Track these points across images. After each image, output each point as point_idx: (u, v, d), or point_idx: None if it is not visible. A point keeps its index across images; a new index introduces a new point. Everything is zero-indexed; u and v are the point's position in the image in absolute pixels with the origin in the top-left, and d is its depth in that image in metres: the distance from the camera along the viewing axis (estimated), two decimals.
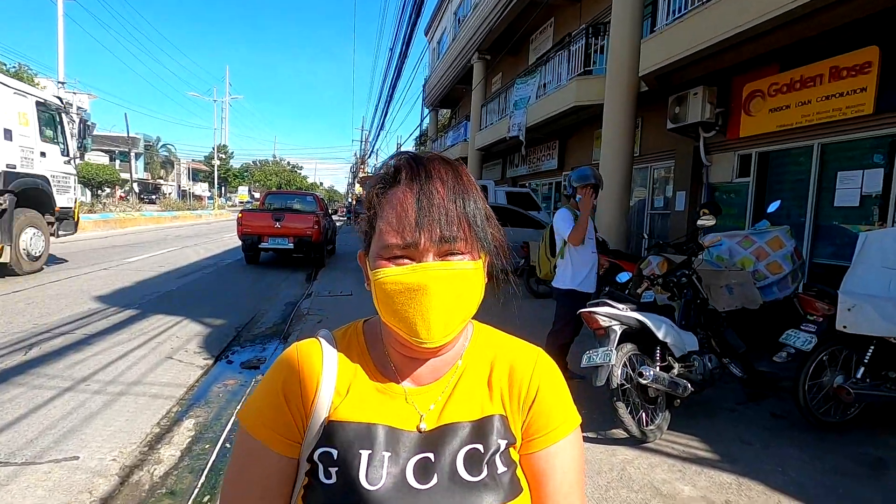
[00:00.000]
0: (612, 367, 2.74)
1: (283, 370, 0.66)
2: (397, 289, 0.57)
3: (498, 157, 17.63)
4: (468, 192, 0.61)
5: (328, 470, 0.60)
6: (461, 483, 0.59)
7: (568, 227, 3.59)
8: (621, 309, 2.95)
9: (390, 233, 0.57)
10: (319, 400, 0.63)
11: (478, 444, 0.62)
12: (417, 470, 0.60)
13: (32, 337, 4.56)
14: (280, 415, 0.62)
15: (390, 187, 0.60)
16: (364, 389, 0.64)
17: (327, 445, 0.61)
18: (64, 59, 28.12)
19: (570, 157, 12.57)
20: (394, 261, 0.58)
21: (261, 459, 0.62)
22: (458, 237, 0.58)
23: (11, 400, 3.23)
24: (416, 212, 0.57)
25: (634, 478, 2.48)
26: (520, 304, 6.90)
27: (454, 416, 0.63)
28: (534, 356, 0.70)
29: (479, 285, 0.60)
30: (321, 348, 0.67)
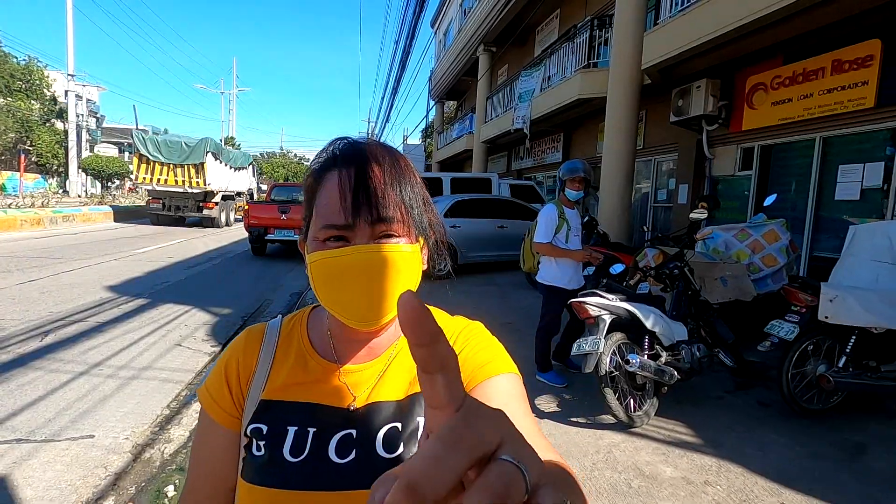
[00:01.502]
0: (600, 354, 2.85)
1: (229, 352, 0.71)
2: (333, 270, 0.58)
3: (503, 149, 17.64)
4: (405, 177, 0.62)
5: (258, 444, 0.63)
6: (377, 459, 0.61)
7: (545, 228, 3.51)
8: (611, 299, 3.04)
9: (326, 215, 0.59)
10: (255, 379, 0.67)
11: (397, 423, 0.63)
12: (339, 445, 0.62)
13: (48, 324, 4.74)
14: (222, 392, 0.67)
15: (328, 171, 0.61)
16: (299, 371, 0.67)
17: (259, 422, 0.64)
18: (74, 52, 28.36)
19: (574, 149, 12.58)
20: (330, 242, 0.59)
21: (211, 432, 0.68)
22: (395, 219, 0.59)
23: (30, 382, 3.40)
24: (352, 194, 0.57)
25: (619, 460, 2.59)
26: (518, 296, 7.01)
27: (382, 395, 0.65)
28: (460, 327, 0.70)
29: (415, 267, 0.61)
30: (264, 332, 0.71)
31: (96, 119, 39.80)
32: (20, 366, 3.70)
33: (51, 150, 32.21)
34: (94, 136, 39.18)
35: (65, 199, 22.58)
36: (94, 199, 22.42)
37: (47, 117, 33.31)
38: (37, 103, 32.48)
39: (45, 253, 9.24)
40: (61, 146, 32.19)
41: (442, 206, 8.58)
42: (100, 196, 25.16)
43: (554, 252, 3.52)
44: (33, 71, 32.36)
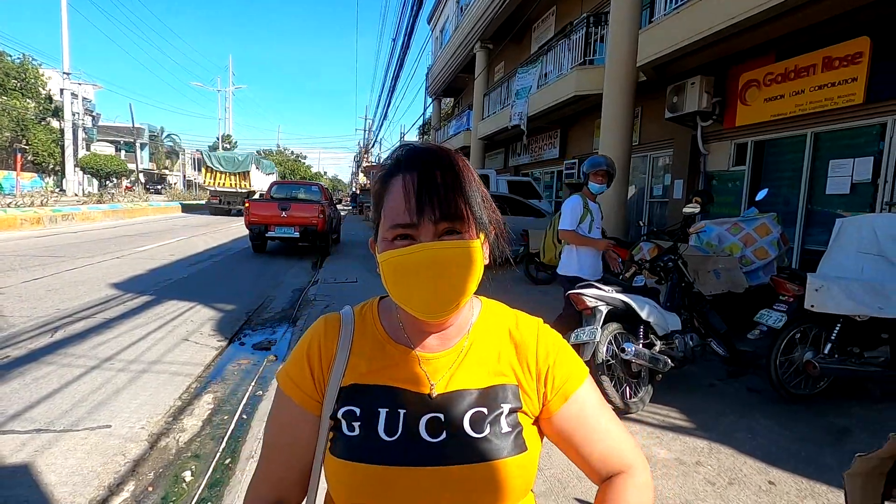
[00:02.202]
0: (597, 343, 2.97)
1: (308, 338, 0.76)
2: (401, 267, 0.63)
3: (500, 146, 17.74)
4: (464, 177, 0.66)
5: (352, 424, 0.69)
6: (466, 438, 0.67)
7: (570, 218, 3.60)
8: (607, 291, 3.16)
9: (393, 216, 0.64)
10: (336, 365, 0.72)
11: (483, 408, 0.69)
12: (429, 426, 0.68)
13: (56, 321, 4.83)
14: (304, 376, 0.73)
15: (393, 176, 0.66)
16: (379, 356, 0.73)
17: (351, 404, 0.70)
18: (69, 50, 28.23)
19: (571, 145, 12.69)
20: (398, 241, 0.64)
21: (289, 411, 0.73)
22: (457, 216, 0.63)
23: (44, 376, 3.50)
24: (417, 194, 0.62)
25: None
26: (520, 291, 7.13)
27: (462, 383, 0.71)
28: (535, 327, 0.78)
29: (478, 262, 0.65)
30: (340, 320, 0.76)
31: (92, 117, 39.67)
32: (33, 361, 3.80)
33: (47, 149, 32.13)
34: (91, 135, 39.07)
35: (62, 198, 22.55)
36: (93, 198, 22.40)
37: (43, 116, 33.22)
38: (32, 102, 32.37)
39: (47, 251, 9.31)
40: (57, 145, 32.12)
41: None
42: (98, 195, 25.13)
43: (578, 240, 3.59)
44: (28, 69, 32.24)
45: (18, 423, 2.84)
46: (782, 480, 2.39)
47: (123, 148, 45.25)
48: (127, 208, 19.42)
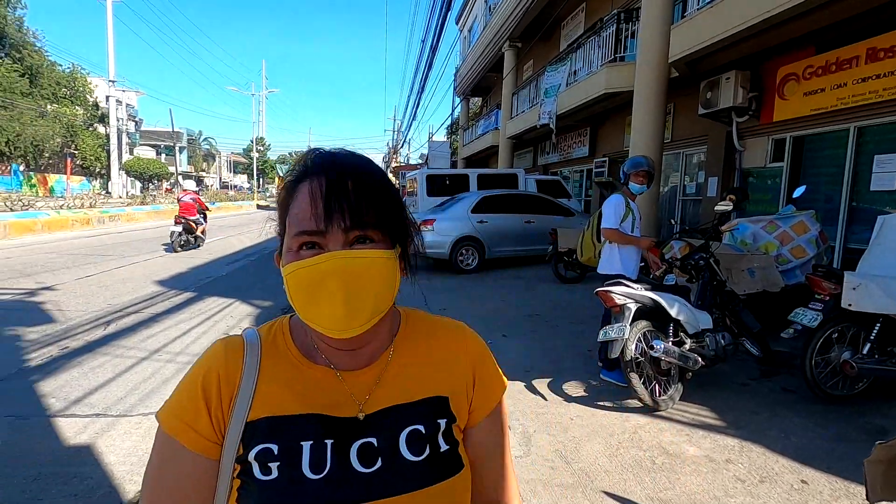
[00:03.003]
0: (626, 340, 2.99)
1: (203, 368, 0.63)
2: (308, 279, 0.56)
3: (529, 145, 17.67)
4: (378, 182, 0.60)
5: (267, 466, 0.58)
6: (404, 464, 0.60)
7: (613, 217, 3.55)
8: (636, 289, 3.17)
9: (299, 222, 0.57)
10: (240, 397, 0.60)
11: (419, 426, 0.63)
12: (361, 455, 0.60)
13: (108, 315, 5.15)
14: (198, 413, 0.59)
15: (300, 182, 0.60)
16: (294, 381, 0.63)
17: (265, 442, 0.59)
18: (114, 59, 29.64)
19: (601, 144, 12.55)
20: (304, 251, 0.57)
21: (178, 459, 0.59)
22: (369, 224, 0.57)
23: (100, 366, 3.76)
24: (324, 199, 0.56)
25: (644, 439, 2.74)
26: (547, 289, 7.13)
27: (392, 399, 0.64)
28: (462, 334, 0.73)
29: (391, 273, 0.59)
30: (244, 344, 0.65)
31: (135, 122, 41.52)
32: (89, 352, 4.08)
33: (94, 154, 33.82)
34: (134, 139, 40.87)
35: (109, 200, 23.72)
36: (136, 200, 23.48)
37: (90, 122, 34.97)
38: (80, 109, 34.11)
39: (96, 250, 9.86)
40: (103, 149, 33.77)
41: (468, 202, 8.76)
42: (141, 196, 26.33)
43: (622, 238, 3.57)
44: (77, 78, 34.03)
45: (79, 407, 3.08)
46: (815, 479, 2.36)
47: (164, 151, 47.11)
48: (167, 209, 20.26)
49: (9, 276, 6.97)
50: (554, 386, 3.52)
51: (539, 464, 2.49)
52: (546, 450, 2.63)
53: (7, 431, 2.75)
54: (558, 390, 3.45)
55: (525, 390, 3.44)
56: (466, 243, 8.49)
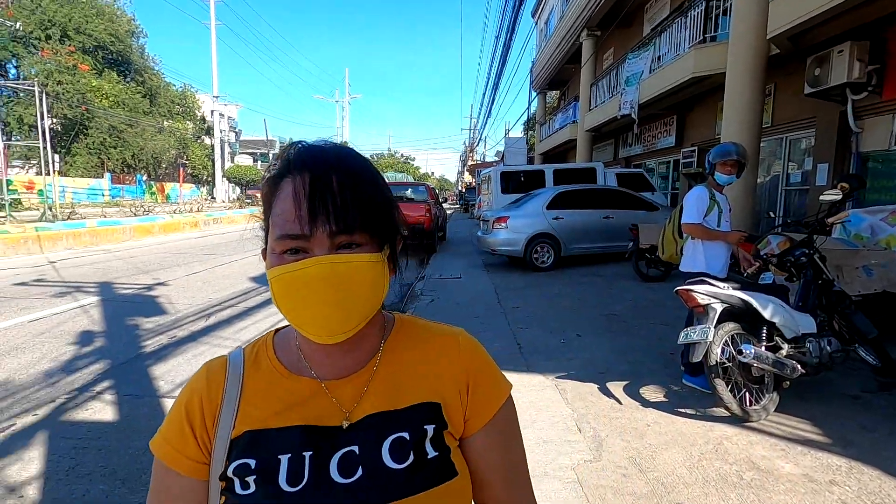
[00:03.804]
0: (709, 344, 2.76)
1: (187, 392, 0.64)
2: (293, 285, 0.55)
3: (609, 137, 16.91)
4: (366, 180, 0.58)
5: (245, 481, 0.58)
6: (386, 472, 0.58)
7: (695, 210, 3.27)
8: (722, 287, 2.91)
9: (282, 225, 0.55)
10: (223, 416, 0.61)
11: (403, 433, 0.61)
12: (341, 465, 0.58)
13: (210, 308, 5.70)
14: (184, 437, 0.61)
15: (283, 178, 0.57)
16: (277, 394, 0.62)
17: (244, 457, 0.59)
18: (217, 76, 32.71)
19: (689, 132, 11.69)
20: (288, 256, 0.56)
21: (171, 483, 0.61)
22: (355, 227, 0.55)
23: (202, 354, 4.17)
24: (308, 201, 0.54)
25: (731, 452, 2.51)
26: (627, 288, 6.78)
27: (378, 406, 0.62)
28: (456, 340, 0.69)
29: (379, 277, 0.58)
30: (226, 364, 0.66)
31: (235, 133, 45.61)
32: (193, 341, 4.54)
33: (201, 163, 37.66)
34: (234, 149, 44.91)
35: (213, 205, 26.25)
36: (236, 204, 25.76)
37: (198, 135, 38.97)
38: (190, 123, 38.11)
39: (202, 250, 10.95)
40: (209, 158, 37.50)
41: (544, 199, 8.57)
42: (239, 201, 28.84)
43: (705, 233, 3.29)
44: (187, 96, 38.06)
45: None
46: None
47: (259, 159, 51.18)
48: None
49: (132, 272, 7.95)
50: (630, 389, 3.34)
51: (610, 470, 2.38)
52: (619, 456, 2.50)
53: (126, 408, 3.14)
54: (635, 394, 3.27)
55: (598, 392, 3.30)
56: (541, 240, 8.31)
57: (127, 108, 29.87)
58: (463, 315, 5.38)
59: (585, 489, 2.22)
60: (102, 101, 28.39)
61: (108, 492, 2.26)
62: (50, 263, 8.73)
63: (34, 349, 4.17)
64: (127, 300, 6.08)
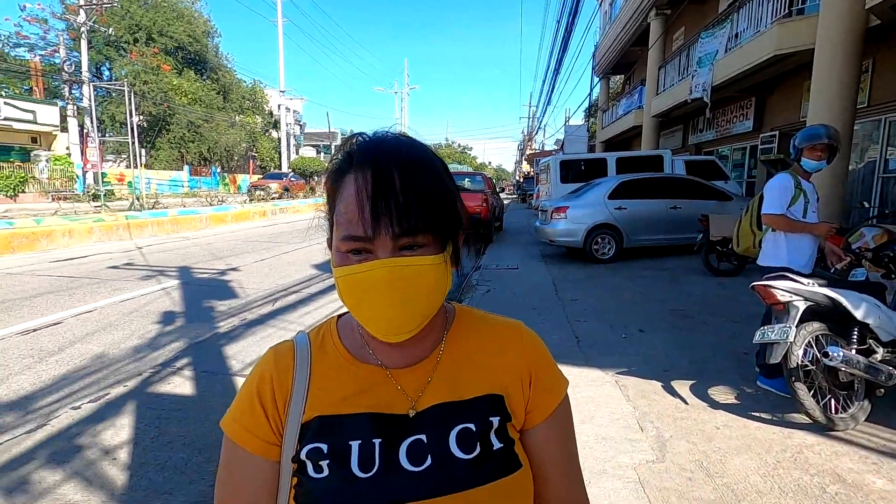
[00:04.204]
0: (789, 344, 2.54)
1: (257, 375, 0.65)
2: (357, 285, 0.56)
3: (678, 122, 15.98)
4: (429, 175, 0.57)
5: (318, 464, 0.60)
6: (454, 462, 0.59)
7: (777, 199, 2.99)
8: (806, 284, 2.67)
9: (346, 224, 0.56)
10: (294, 400, 0.62)
11: (470, 424, 0.61)
12: (410, 453, 0.60)
13: (276, 293, 6.00)
14: (256, 418, 0.62)
15: (346, 174, 0.58)
16: (346, 381, 0.64)
17: (315, 441, 0.61)
18: (284, 72, 34.11)
19: (770, 115, 10.81)
20: (352, 256, 0.56)
21: (243, 464, 0.63)
22: (418, 229, 0.55)
23: (269, 336, 4.40)
24: (371, 202, 0.54)
25: (812, 462, 2.31)
26: (696, 282, 6.42)
27: (443, 396, 0.63)
28: (518, 333, 0.70)
29: (442, 276, 0.58)
30: (294, 348, 0.67)
31: (300, 126, 47.52)
32: (261, 324, 4.80)
33: (269, 155, 39.60)
34: (299, 141, 46.84)
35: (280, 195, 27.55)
36: (301, 194, 26.90)
37: (266, 128, 40.95)
38: (259, 117, 40.10)
39: (270, 238, 11.54)
40: (276, 151, 39.35)
41: (605, 188, 8.26)
42: (306, 191, 30.15)
43: (788, 225, 3.00)
44: (257, 91, 40.03)
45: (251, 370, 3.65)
46: None
47: (322, 150, 53.05)
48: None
49: (207, 259, 8.53)
50: (697, 389, 3.16)
51: (674, 472, 2.27)
52: (684, 458, 2.38)
53: (203, 383, 3.38)
54: (702, 394, 3.09)
55: (662, 391, 3.15)
56: (602, 231, 8.03)
57: (203, 104, 31.91)
58: (519, 306, 5.32)
59: (647, 490, 2.13)
60: (182, 99, 30.50)
61: (187, 459, 2.45)
62: (137, 249, 9.55)
63: (125, 326, 4.58)
64: (203, 283, 6.53)
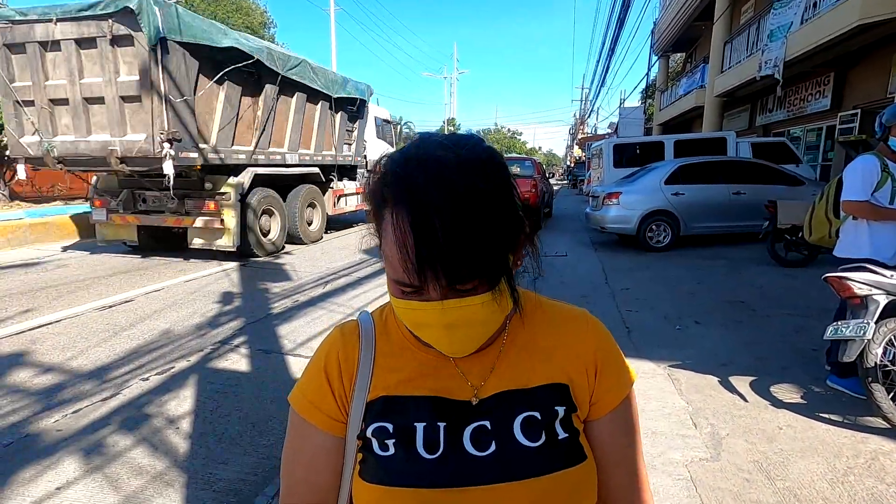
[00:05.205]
0: (867, 342, 2.33)
1: (325, 352, 0.67)
2: (412, 318, 0.57)
3: (744, 102, 14.93)
4: (476, 214, 0.51)
5: (385, 443, 0.60)
6: (519, 449, 0.59)
7: (861, 184, 2.66)
8: (889, 276, 2.43)
9: (393, 269, 0.54)
10: (360, 378, 0.63)
11: (535, 412, 0.61)
12: (474, 438, 0.60)
13: (327, 276, 6.19)
14: (323, 394, 0.64)
15: (383, 207, 0.55)
16: (408, 363, 0.64)
17: (382, 420, 0.61)
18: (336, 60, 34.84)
19: (851, 92, 9.89)
20: (406, 292, 0.55)
21: (309, 438, 0.64)
22: (466, 277, 0.52)
23: (319, 317, 4.55)
24: (415, 252, 0.50)
25: (889, 470, 2.13)
26: (760, 273, 6.04)
27: (507, 384, 0.63)
28: (583, 318, 0.69)
29: (496, 307, 0.56)
30: (359, 328, 0.67)
31: None
32: (312, 305, 4.97)
33: None
34: None
35: None
36: None
37: None
38: None
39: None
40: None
41: (661, 173, 7.87)
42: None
43: (875, 213, 2.67)
44: None
45: (302, 349, 3.79)
46: None
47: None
48: None
49: None
50: (758, 386, 2.98)
51: (730, 472, 2.15)
52: (742, 458, 2.25)
53: (258, 361, 3.55)
54: (763, 392, 2.91)
55: (718, 386, 3.00)
56: (657, 218, 7.68)
57: None
58: (568, 294, 5.19)
59: (700, 489, 2.04)
60: None
61: (242, 432, 2.58)
62: None
63: (188, 305, 4.88)
64: (259, 266, 6.84)
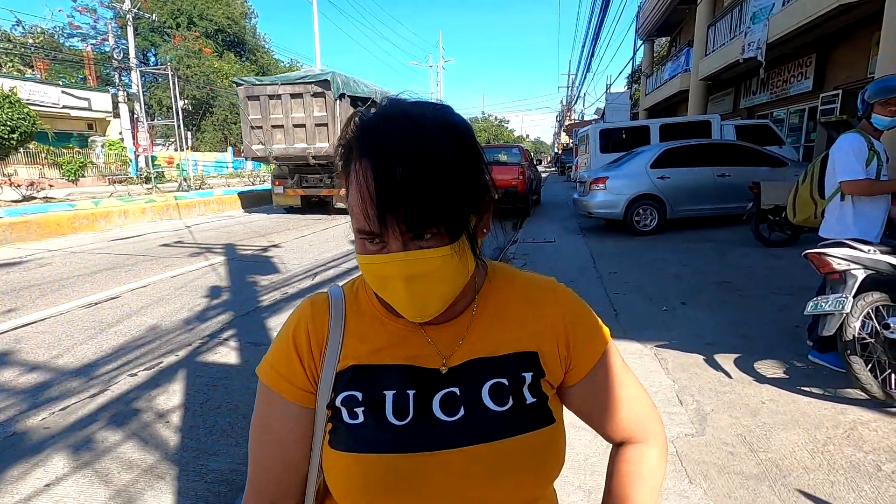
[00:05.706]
0: (845, 315, 2.38)
1: (293, 323, 0.66)
2: (375, 273, 0.57)
3: (728, 85, 15.03)
4: (441, 158, 0.52)
5: (353, 411, 0.61)
6: (487, 413, 0.61)
7: (856, 161, 2.63)
8: (866, 251, 2.48)
9: (357, 218, 0.55)
10: (329, 349, 0.63)
11: (503, 379, 0.62)
12: (443, 404, 0.61)
13: (315, 268, 6.16)
14: (292, 366, 0.64)
15: (350, 162, 0.56)
16: (380, 334, 0.64)
17: (350, 389, 0.62)
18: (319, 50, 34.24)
19: (832, 72, 9.99)
20: (368, 245, 0.56)
21: (277, 409, 0.64)
22: (426, 225, 0.53)
23: None
24: (376, 199, 0.51)
25: (867, 439, 2.19)
26: (745, 254, 6.12)
27: (475, 352, 0.64)
28: (551, 287, 0.70)
29: (458, 262, 0.56)
30: (329, 299, 0.67)
31: None
32: (301, 297, 4.90)
33: None
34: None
35: None
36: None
37: None
38: None
39: (310, 216, 11.80)
40: None
41: (647, 157, 7.92)
42: None
43: (874, 188, 2.63)
44: (294, 69, 40.49)
45: None
46: None
47: None
48: None
49: (251, 236, 8.84)
50: (743, 363, 3.04)
51: (715, 446, 2.20)
52: (726, 432, 2.30)
53: (247, 353, 3.54)
54: (748, 368, 2.96)
55: (704, 364, 3.05)
56: (644, 202, 7.74)
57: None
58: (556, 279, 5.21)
59: (685, 463, 2.08)
60: (224, 81, 31.23)
61: (233, 423, 2.58)
62: (186, 228, 10.00)
63: (175, 300, 4.84)
64: (247, 259, 6.79)
